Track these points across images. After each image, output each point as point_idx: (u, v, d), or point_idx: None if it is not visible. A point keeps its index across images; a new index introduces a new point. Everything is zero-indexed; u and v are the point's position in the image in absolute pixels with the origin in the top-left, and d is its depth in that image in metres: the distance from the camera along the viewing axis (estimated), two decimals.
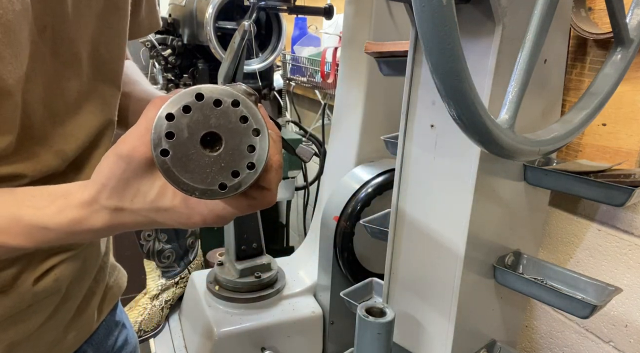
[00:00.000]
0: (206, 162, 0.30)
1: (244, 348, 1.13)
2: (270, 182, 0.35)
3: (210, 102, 0.30)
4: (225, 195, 0.30)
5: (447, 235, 0.72)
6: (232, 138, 0.30)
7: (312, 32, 1.87)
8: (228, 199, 0.33)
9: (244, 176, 0.30)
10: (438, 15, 0.40)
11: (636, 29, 0.61)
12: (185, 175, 0.30)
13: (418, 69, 0.71)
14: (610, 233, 0.82)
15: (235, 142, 0.30)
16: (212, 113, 0.30)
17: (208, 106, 0.30)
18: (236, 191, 0.30)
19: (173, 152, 0.30)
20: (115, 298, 0.71)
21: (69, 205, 0.37)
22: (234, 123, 0.30)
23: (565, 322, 0.91)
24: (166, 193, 0.34)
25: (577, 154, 0.85)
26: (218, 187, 0.30)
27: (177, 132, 0.30)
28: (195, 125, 0.30)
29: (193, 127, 0.30)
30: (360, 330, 0.65)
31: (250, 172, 0.30)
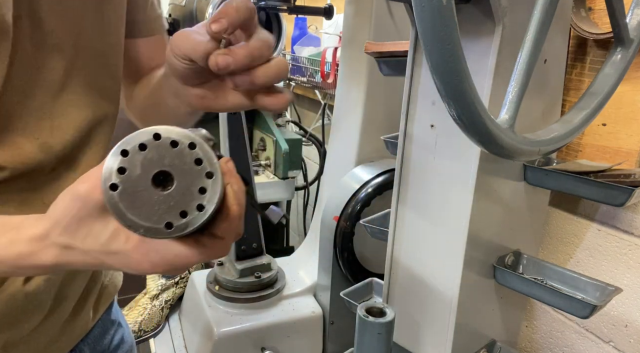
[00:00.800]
0: (155, 200, 0.30)
1: (244, 348, 1.13)
2: (225, 232, 0.34)
3: (167, 142, 0.30)
4: (170, 235, 0.30)
5: (447, 235, 0.72)
6: (184, 178, 0.30)
7: (312, 32, 1.87)
8: (179, 246, 0.33)
9: (192, 217, 0.30)
10: (438, 15, 0.40)
11: (636, 29, 0.61)
12: (132, 211, 0.30)
13: (418, 69, 0.71)
14: (610, 233, 0.82)
15: (186, 183, 0.30)
16: (167, 153, 0.30)
17: (164, 146, 0.30)
18: (182, 232, 0.30)
19: (122, 187, 0.30)
20: (111, 297, 0.70)
21: (19, 238, 0.36)
22: (188, 164, 0.31)
23: (565, 322, 0.91)
24: (118, 237, 0.34)
25: (577, 153, 0.85)
26: (164, 226, 0.30)
27: (130, 168, 0.30)
28: (149, 163, 0.30)
29: (146, 164, 0.30)
30: (360, 330, 0.65)
31: (199, 213, 0.30)
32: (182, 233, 0.30)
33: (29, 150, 0.48)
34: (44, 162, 0.49)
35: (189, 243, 0.33)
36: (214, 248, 0.34)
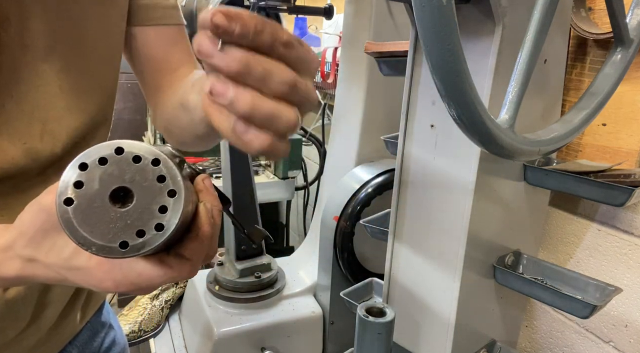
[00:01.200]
0: (111, 217, 0.28)
1: (244, 348, 1.13)
2: (193, 253, 0.32)
3: (129, 157, 0.29)
4: (125, 255, 0.28)
5: (447, 235, 0.72)
6: (144, 196, 0.29)
7: (312, 32, 1.87)
8: (143, 266, 0.32)
9: (149, 237, 0.28)
10: (438, 15, 0.40)
11: (636, 29, 0.61)
12: (85, 227, 0.28)
13: (418, 69, 0.71)
14: (610, 233, 0.82)
15: (146, 201, 0.29)
16: (128, 168, 0.29)
17: (126, 161, 0.29)
18: (138, 252, 0.28)
19: (77, 202, 0.28)
20: (101, 299, 0.69)
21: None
22: (149, 181, 0.29)
23: (565, 322, 0.91)
24: (82, 253, 0.32)
25: (577, 154, 0.85)
26: (118, 245, 0.28)
27: (87, 183, 0.28)
28: (108, 178, 0.29)
29: (105, 179, 0.29)
30: (360, 330, 0.65)
31: (158, 233, 0.28)
32: (138, 254, 0.28)
33: (11, 155, 0.46)
34: (29, 167, 0.48)
35: (153, 262, 0.32)
36: (181, 270, 0.32)
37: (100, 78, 0.54)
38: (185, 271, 0.32)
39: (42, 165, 0.49)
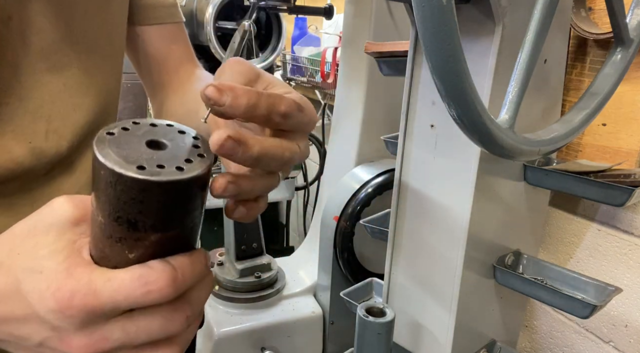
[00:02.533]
0: (142, 151, 0.28)
1: (244, 348, 1.13)
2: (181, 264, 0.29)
3: (176, 128, 0.31)
4: (138, 175, 0.27)
5: (447, 235, 0.72)
6: (177, 150, 0.29)
7: (312, 32, 1.87)
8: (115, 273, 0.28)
9: (167, 171, 0.28)
10: (438, 15, 0.40)
11: (636, 29, 0.61)
12: (114, 149, 0.28)
13: (418, 69, 0.71)
14: (610, 233, 0.82)
15: (177, 152, 0.29)
16: (171, 132, 0.31)
17: (171, 129, 0.31)
18: (151, 176, 0.27)
19: (117, 135, 0.29)
20: None
21: None
22: (185, 144, 0.30)
23: (565, 322, 0.91)
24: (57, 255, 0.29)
25: (577, 154, 0.85)
26: (136, 166, 0.27)
27: (132, 130, 0.30)
28: (151, 132, 0.30)
29: (148, 132, 0.30)
30: (360, 330, 0.65)
31: (176, 171, 0.28)
32: (149, 178, 0.27)
33: (18, 154, 0.46)
34: (35, 166, 0.48)
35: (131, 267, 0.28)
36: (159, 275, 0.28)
37: (104, 75, 0.54)
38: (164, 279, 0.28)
39: (47, 165, 0.49)
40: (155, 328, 0.29)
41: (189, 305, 0.30)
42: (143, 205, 0.28)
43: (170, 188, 0.28)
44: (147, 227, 0.28)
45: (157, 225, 0.29)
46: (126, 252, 0.29)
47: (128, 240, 0.29)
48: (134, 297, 0.28)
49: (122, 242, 0.29)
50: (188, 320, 0.30)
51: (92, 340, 0.28)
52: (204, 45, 1.58)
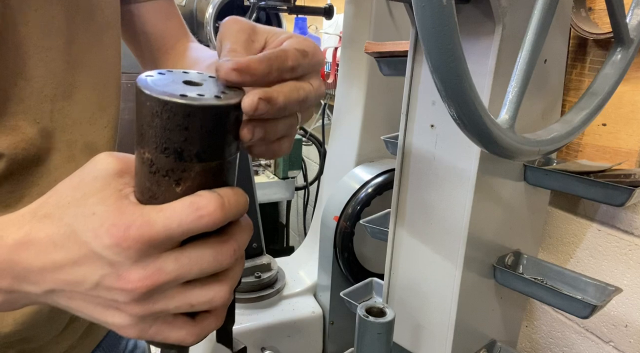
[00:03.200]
0: (180, 87, 0.30)
1: None
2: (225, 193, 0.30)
3: (207, 73, 0.34)
4: (182, 100, 0.29)
5: (447, 235, 0.72)
6: (211, 87, 0.31)
7: (312, 32, 1.87)
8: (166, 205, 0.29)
9: (209, 98, 0.30)
10: (438, 15, 0.40)
11: (636, 29, 0.61)
12: (157, 86, 0.30)
13: (418, 69, 0.72)
14: (610, 233, 0.82)
15: (212, 90, 0.31)
16: (200, 75, 0.33)
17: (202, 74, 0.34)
18: (194, 101, 0.29)
19: (157, 78, 0.31)
20: None
21: None
22: (217, 83, 0.32)
23: (565, 322, 0.91)
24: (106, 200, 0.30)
25: (577, 154, 0.85)
26: (179, 94, 0.29)
27: (167, 74, 0.32)
28: (182, 76, 0.32)
29: (179, 75, 0.32)
30: (360, 330, 0.65)
31: (217, 99, 0.30)
32: (194, 103, 0.29)
33: (29, 135, 0.46)
34: (46, 147, 0.47)
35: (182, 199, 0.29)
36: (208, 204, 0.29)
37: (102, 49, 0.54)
38: (213, 204, 0.29)
39: (58, 146, 0.49)
40: (206, 260, 0.30)
41: (235, 240, 0.31)
42: (188, 132, 0.29)
43: (212, 113, 0.30)
44: (192, 155, 0.30)
45: (201, 154, 0.30)
46: (173, 185, 0.30)
47: (175, 171, 0.30)
48: (186, 223, 0.28)
49: (170, 175, 0.30)
50: (235, 254, 0.31)
51: (147, 273, 0.29)
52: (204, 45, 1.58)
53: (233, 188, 0.31)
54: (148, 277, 0.29)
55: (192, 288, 0.31)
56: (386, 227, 0.83)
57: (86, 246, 0.29)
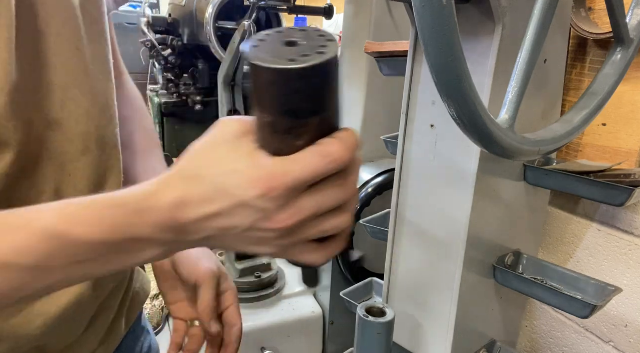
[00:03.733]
0: (283, 49, 0.33)
1: (244, 348, 1.13)
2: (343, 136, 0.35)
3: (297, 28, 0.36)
4: (294, 66, 0.32)
5: (447, 235, 0.72)
6: (309, 41, 0.34)
7: None
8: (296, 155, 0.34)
9: (314, 57, 0.32)
10: (438, 15, 0.40)
11: (636, 29, 0.61)
12: (261, 54, 0.33)
13: (418, 69, 0.71)
14: (610, 233, 0.82)
15: (310, 43, 0.34)
16: (293, 31, 0.35)
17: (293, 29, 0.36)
18: (303, 64, 0.32)
19: (260, 45, 0.34)
20: (142, 304, 0.69)
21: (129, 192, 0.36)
22: (311, 36, 0.35)
23: (565, 322, 0.91)
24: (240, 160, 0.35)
25: (577, 154, 0.85)
26: (287, 60, 0.32)
27: (267, 39, 0.35)
28: (279, 37, 0.35)
29: (276, 37, 0.35)
30: (360, 330, 0.65)
31: (321, 56, 0.32)
32: (304, 66, 0.32)
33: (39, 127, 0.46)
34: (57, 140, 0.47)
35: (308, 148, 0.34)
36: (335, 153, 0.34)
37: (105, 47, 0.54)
38: (338, 148, 0.34)
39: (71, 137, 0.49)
40: (335, 195, 0.35)
41: (353, 174, 0.37)
42: (302, 92, 0.33)
43: (320, 69, 0.33)
44: (307, 112, 0.34)
45: (316, 108, 0.34)
46: (295, 140, 0.35)
47: (296, 128, 0.34)
48: (320, 169, 0.34)
49: (292, 132, 0.34)
50: (355, 186, 0.37)
51: (291, 213, 0.34)
52: (204, 45, 1.58)
53: (346, 130, 0.35)
54: (292, 216, 0.34)
55: (323, 218, 0.36)
56: (386, 227, 0.83)
57: (237, 198, 0.34)
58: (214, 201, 0.34)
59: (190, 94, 1.78)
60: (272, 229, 0.35)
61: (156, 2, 3.07)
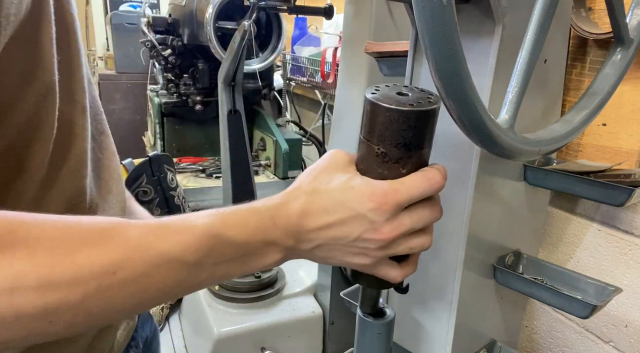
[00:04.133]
0: (398, 97, 0.41)
1: (244, 348, 1.13)
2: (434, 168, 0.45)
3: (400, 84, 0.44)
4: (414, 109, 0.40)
5: (447, 235, 0.72)
6: (415, 94, 0.42)
7: (312, 32, 1.87)
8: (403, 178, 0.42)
9: (426, 104, 0.40)
10: (438, 15, 0.40)
11: (636, 29, 0.61)
12: (382, 98, 0.41)
13: (418, 69, 0.71)
14: (610, 233, 0.82)
15: (417, 95, 0.42)
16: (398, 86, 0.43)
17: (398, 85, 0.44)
18: (421, 107, 0.40)
19: (378, 93, 0.42)
20: None
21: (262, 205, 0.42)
22: (415, 90, 0.43)
23: (565, 322, 0.91)
24: (354, 178, 0.42)
25: (577, 154, 0.85)
26: (408, 104, 0.40)
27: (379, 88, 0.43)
28: (390, 89, 0.43)
29: (388, 89, 0.43)
30: (360, 330, 0.65)
31: (431, 104, 0.41)
32: (422, 109, 0.40)
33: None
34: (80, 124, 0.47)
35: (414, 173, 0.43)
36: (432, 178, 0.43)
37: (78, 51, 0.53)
38: (438, 174, 0.44)
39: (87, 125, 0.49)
40: (427, 216, 0.44)
41: (439, 202, 0.47)
42: (415, 130, 0.41)
43: (430, 114, 0.41)
44: (414, 146, 0.42)
45: (421, 144, 0.43)
46: (400, 169, 0.43)
47: (403, 159, 0.42)
48: (423, 189, 0.42)
49: (399, 162, 0.42)
50: (440, 212, 0.46)
51: (393, 226, 0.41)
52: (204, 45, 1.58)
53: (438, 164, 0.45)
54: (394, 229, 0.41)
55: (412, 236, 0.44)
56: None
57: (353, 210, 0.41)
58: (333, 212, 0.41)
59: (190, 94, 1.78)
60: (375, 239, 0.41)
61: (156, 2, 3.08)
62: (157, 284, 0.36)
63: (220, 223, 0.39)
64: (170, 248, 0.36)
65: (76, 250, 0.33)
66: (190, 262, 0.37)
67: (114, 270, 0.34)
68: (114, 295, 0.34)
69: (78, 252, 0.33)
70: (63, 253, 0.33)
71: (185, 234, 0.37)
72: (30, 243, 0.32)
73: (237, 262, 0.40)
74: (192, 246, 0.37)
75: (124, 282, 0.34)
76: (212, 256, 0.38)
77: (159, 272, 0.36)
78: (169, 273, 0.37)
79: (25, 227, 0.32)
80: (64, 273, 0.32)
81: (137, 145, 2.57)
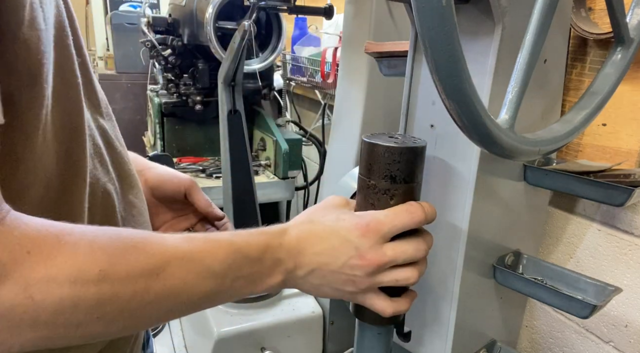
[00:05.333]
0: (389, 139, 0.51)
1: (244, 348, 1.13)
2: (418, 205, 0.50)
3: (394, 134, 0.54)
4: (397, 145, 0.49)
5: (447, 235, 0.72)
6: (404, 138, 0.52)
7: (312, 32, 1.87)
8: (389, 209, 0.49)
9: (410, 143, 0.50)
10: (438, 15, 0.40)
11: (636, 29, 0.61)
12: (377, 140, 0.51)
13: (418, 69, 0.71)
14: (610, 233, 0.82)
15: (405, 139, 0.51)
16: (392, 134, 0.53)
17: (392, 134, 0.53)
18: (403, 144, 0.49)
19: (372, 136, 0.52)
20: None
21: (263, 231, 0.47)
22: (405, 135, 0.53)
23: (565, 322, 0.91)
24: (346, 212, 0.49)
25: (577, 154, 0.85)
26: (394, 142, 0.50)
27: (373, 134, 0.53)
28: (382, 135, 0.52)
29: (380, 135, 0.53)
30: (360, 330, 0.65)
31: (415, 144, 0.50)
32: (405, 146, 0.49)
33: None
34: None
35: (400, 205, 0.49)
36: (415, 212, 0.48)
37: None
38: (420, 208, 0.48)
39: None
40: (410, 251, 0.47)
41: (425, 241, 0.49)
42: (400, 164, 0.48)
43: (414, 151, 0.49)
44: (401, 179, 0.49)
45: (407, 178, 0.49)
46: (388, 200, 0.49)
47: (390, 190, 0.49)
48: (405, 221, 0.47)
49: (387, 193, 0.49)
50: (426, 251, 0.49)
51: (378, 254, 0.46)
52: (204, 45, 1.58)
53: (426, 202, 0.50)
54: (378, 257, 0.46)
55: (397, 269, 0.48)
56: None
57: (343, 237, 0.46)
58: (326, 239, 0.47)
59: (190, 94, 1.77)
60: (360, 265, 0.46)
61: (156, 2, 3.07)
62: (188, 292, 0.40)
63: (239, 240, 0.43)
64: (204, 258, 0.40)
65: (126, 252, 0.37)
66: (217, 272, 0.41)
67: (157, 272, 0.37)
68: (154, 298, 0.37)
69: (128, 254, 0.37)
70: (116, 254, 0.36)
71: (212, 243, 0.42)
72: (87, 243, 0.35)
73: (249, 280, 0.44)
74: (219, 256, 0.41)
75: (164, 285, 0.38)
76: (233, 269, 0.42)
77: (192, 278, 0.40)
78: (199, 282, 0.40)
79: (78, 229, 0.36)
80: (120, 270, 0.36)
81: (137, 145, 2.57)
